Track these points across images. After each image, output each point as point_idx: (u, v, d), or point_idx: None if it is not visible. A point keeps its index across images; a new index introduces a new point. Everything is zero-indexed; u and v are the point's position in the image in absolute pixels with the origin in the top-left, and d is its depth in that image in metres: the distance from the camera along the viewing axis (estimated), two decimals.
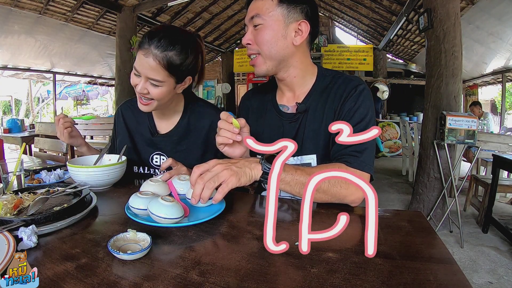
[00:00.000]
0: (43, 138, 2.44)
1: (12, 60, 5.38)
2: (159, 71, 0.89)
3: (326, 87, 0.93)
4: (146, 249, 0.54)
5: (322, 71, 0.97)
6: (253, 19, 0.87)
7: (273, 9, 0.85)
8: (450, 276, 0.50)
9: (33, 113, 11.61)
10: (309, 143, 0.92)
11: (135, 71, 0.93)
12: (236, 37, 8.21)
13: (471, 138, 2.56)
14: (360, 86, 0.89)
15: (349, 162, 0.83)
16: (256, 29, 0.88)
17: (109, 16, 5.06)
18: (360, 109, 0.87)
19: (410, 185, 4.27)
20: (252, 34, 0.89)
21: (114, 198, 0.90)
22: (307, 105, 0.92)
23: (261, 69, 0.91)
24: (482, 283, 1.99)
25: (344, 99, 0.89)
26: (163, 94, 0.95)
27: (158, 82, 0.91)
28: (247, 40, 0.89)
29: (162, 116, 1.10)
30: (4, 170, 0.90)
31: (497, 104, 8.86)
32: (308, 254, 0.56)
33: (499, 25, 3.95)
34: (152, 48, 0.88)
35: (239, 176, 0.70)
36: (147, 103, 0.96)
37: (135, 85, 0.95)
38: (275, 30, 0.86)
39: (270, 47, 0.87)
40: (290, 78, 0.94)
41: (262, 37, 0.87)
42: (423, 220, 0.73)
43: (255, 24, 0.87)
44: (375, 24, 6.42)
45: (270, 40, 0.86)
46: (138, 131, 1.12)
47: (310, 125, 0.92)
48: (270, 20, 0.85)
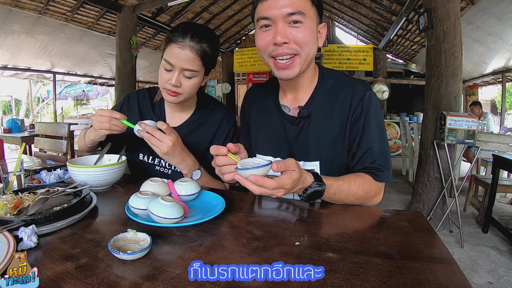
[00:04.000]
0: (43, 138, 2.44)
1: (12, 60, 5.38)
2: (195, 61, 0.95)
3: (331, 91, 0.91)
4: (146, 249, 0.54)
5: (324, 71, 0.95)
6: (292, 16, 0.77)
7: (310, 8, 0.80)
8: (450, 276, 0.50)
9: (33, 113, 11.61)
10: (313, 149, 0.90)
11: (167, 66, 0.95)
12: (236, 37, 8.21)
13: (471, 138, 2.56)
14: (367, 93, 0.88)
15: (376, 175, 0.87)
16: (295, 27, 0.78)
17: (109, 16, 5.06)
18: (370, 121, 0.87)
19: (410, 185, 4.27)
20: (288, 31, 0.78)
21: (114, 198, 0.90)
22: (309, 110, 0.90)
23: (295, 71, 0.82)
24: (482, 283, 1.99)
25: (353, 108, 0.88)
26: (195, 86, 0.99)
27: (193, 73, 0.96)
28: (285, 38, 0.78)
29: (176, 110, 1.14)
30: (4, 170, 0.90)
31: (497, 104, 8.86)
32: (308, 254, 0.56)
33: (499, 25, 3.95)
34: (187, 41, 0.93)
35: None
36: (175, 94, 0.99)
37: (166, 80, 0.97)
38: (313, 31, 0.82)
39: (310, 48, 0.82)
40: (302, 79, 0.90)
41: (305, 37, 0.79)
42: (423, 220, 0.73)
43: (294, 21, 0.77)
44: (375, 24, 6.41)
45: (312, 40, 0.81)
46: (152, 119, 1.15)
47: (313, 130, 0.90)
48: (310, 19, 0.80)
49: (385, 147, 0.89)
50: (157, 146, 0.91)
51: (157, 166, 1.13)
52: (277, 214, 0.81)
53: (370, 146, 0.87)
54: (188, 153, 1.00)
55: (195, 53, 0.94)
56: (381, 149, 0.87)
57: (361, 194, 0.83)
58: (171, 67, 0.95)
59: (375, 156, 0.87)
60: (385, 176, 0.87)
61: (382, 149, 0.87)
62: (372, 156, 0.87)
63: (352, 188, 0.81)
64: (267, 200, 0.97)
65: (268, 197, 1.01)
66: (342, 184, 0.80)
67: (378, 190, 0.88)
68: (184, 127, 1.13)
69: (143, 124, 0.92)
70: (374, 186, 0.86)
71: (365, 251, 0.57)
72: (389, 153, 0.90)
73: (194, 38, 0.93)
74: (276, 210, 0.85)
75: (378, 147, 0.87)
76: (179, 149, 0.95)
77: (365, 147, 0.87)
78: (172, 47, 0.94)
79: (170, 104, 1.14)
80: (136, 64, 4.88)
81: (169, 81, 0.96)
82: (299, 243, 0.60)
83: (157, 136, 0.91)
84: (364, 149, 0.87)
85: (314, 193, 0.75)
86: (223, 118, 1.14)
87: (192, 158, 1.00)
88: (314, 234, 0.65)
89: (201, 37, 0.94)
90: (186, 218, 0.71)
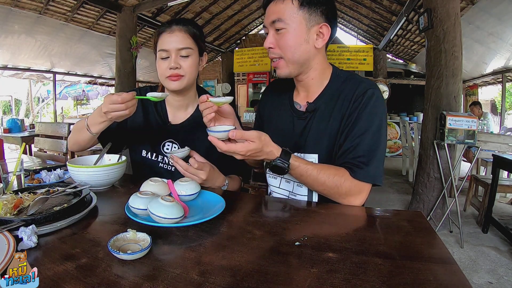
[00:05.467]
0: (43, 138, 2.44)
1: (12, 60, 5.37)
2: (187, 39, 1.04)
3: (337, 89, 0.92)
4: (146, 249, 0.54)
5: (337, 72, 0.96)
6: (274, 24, 0.85)
7: (294, 12, 0.83)
8: (450, 276, 0.50)
9: (33, 113, 11.61)
10: (312, 142, 0.92)
11: (163, 54, 1.03)
12: (236, 37, 8.21)
13: (471, 138, 2.55)
14: (369, 90, 0.86)
15: (353, 172, 0.84)
16: (278, 33, 0.86)
17: (109, 16, 5.06)
18: (364, 117, 0.85)
19: (410, 185, 4.27)
20: (274, 37, 0.87)
21: (114, 198, 0.90)
22: (316, 105, 0.93)
23: (284, 71, 0.90)
24: (482, 283, 1.99)
25: (352, 103, 0.87)
26: (193, 66, 1.06)
27: (188, 50, 1.03)
28: (269, 44, 0.88)
29: (177, 108, 1.15)
30: (4, 170, 0.90)
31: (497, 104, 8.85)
32: (308, 254, 0.56)
33: (499, 25, 3.95)
34: (174, 27, 1.04)
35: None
36: (178, 77, 1.03)
37: (165, 68, 1.02)
38: (298, 35, 0.84)
39: (293, 52, 0.86)
40: (308, 79, 0.93)
41: (285, 42, 0.85)
42: (423, 220, 0.73)
43: (277, 28, 0.85)
44: (375, 24, 6.42)
45: (294, 45, 0.85)
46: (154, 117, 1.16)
47: (316, 125, 0.92)
48: (292, 24, 0.84)
49: (376, 146, 0.85)
50: (191, 178, 0.90)
51: (161, 163, 1.13)
52: (277, 214, 0.81)
53: (358, 143, 0.84)
54: (219, 174, 1.00)
55: (184, 32, 1.04)
56: (370, 148, 0.84)
57: (330, 185, 0.82)
58: (167, 53, 1.02)
59: (360, 153, 0.84)
60: (363, 175, 0.83)
61: (371, 148, 0.84)
62: (356, 152, 0.84)
63: (320, 176, 0.82)
64: (267, 200, 0.97)
65: (269, 197, 1.03)
66: (312, 169, 0.82)
67: (354, 188, 0.83)
68: (186, 124, 1.14)
69: (174, 158, 0.90)
70: (347, 182, 0.83)
71: (365, 251, 0.57)
72: (380, 154, 0.85)
73: (179, 24, 1.05)
74: (276, 210, 0.85)
75: (367, 144, 0.84)
76: (211, 177, 0.95)
77: (353, 142, 0.85)
78: (163, 37, 1.04)
79: (171, 102, 1.15)
80: (136, 64, 4.88)
81: (168, 66, 1.01)
82: (299, 243, 0.60)
83: (190, 173, 0.90)
84: (351, 144, 0.85)
85: (276, 167, 0.81)
86: None
87: (222, 177, 1.01)
88: (314, 234, 0.65)
89: (184, 22, 1.06)
90: (186, 218, 0.71)
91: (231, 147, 0.75)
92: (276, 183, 1.01)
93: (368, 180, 0.84)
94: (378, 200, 3.63)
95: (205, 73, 8.98)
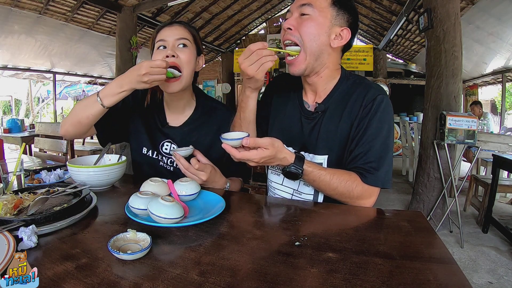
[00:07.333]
0: (43, 138, 2.44)
1: (12, 60, 5.37)
2: (185, 32, 1.06)
3: (347, 92, 0.92)
4: (146, 249, 0.54)
5: (346, 73, 0.96)
6: (302, 7, 0.87)
7: (325, 6, 0.86)
8: (450, 276, 0.50)
9: (33, 113, 11.60)
10: (322, 144, 0.92)
11: (160, 43, 1.03)
12: (236, 37, 8.20)
13: (471, 138, 2.55)
14: (379, 96, 0.87)
15: (364, 177, 0.86)
16: (302, 18, 0.87)
17: (109, 16, 5.05)
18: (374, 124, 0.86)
19: (410, 185, 4.27)
20: (297, 21, 0.87)
21: (114, 198, 0.90)
22: (326, 106, 0.93)
23: (299, 68, 0.89)
24: (482, 283, 1.99)
25: (362, 109, 0.88)
26: (190, 62, 1.04)
27: (186, 41, 1.04)
28: (290, 24, 0.87)
29: (175, 110, 1.15)
30: (4, 170, 0.90)
31: (497, 104, 8.85)
32: (308, 254, 0.56)
33: (499, 25, 3.95)
34: (174, 24, 1.07)
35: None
36: (176, 80, 1.01)
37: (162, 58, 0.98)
38: (321, 26, 0.86)
39: (312, 40, 0.86)
40: (317, 78, 0.93)
41: (308, 28, 0.86)
42: (423, 220, 0.73)
43: (303, 13, 0.87)
44: (375, 24, 6.41)
45: (314, 33, 0.86)
46: (153, 118, 1.17)
47: (325, 126, 0.92)
48: (320, 14, 0.86)
49: (385, 152, 0.87)
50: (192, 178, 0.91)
51: (160, 162, 1.13)
52: (277, 214, 0.82)
53: (369, 149, 0.86)
54: (220, 177, 1.00)
55: (183, 27, 1.07)
56: (380, 154, 0.86)
57: (341, 190, 0.84)
58: (165, 43, 1.03)
59: (371, 158, 0.86)
60: (373, 180, 0.86)
61: (381, 154, 0.86)
62: (367, 158, 0.86)
63: (333, 182, 0.83)
64: (267, 200, 0.98)
65: (269, 198, 1.03)
66: (325, 175, 0.83)
67: (365, 192, 0.86)
68: (185, 126, 1.14)
69: (177, 156, 0.91)
70: (359, 187, 0.85)
71: (365, 251, 0.57)
72: (389, 159, 0.88)
73: (178, 22, 1.09)
74: (276, 210, 0.85)
75: (377, 150, 0.86)
76: (211, 178, 0.95)
77: (364, 148, 0.86)
78: (162, 31, 1.05)
79: (169, 103, 1.14)
80: (136, 64, 4.87)
81: (165, 55, 1.00)
82: (299, 243, 0.60)
83: (191, 173, 0.91)
84: (362, 150, 0.87)
85: (290, 173, 0.82)
86: (224, 116, 1.15)
87: (223, 180, 1.01)
88: (314, 234, 0.65)
89: (184, 23, 1.10)
90: (186, 218, 0.71)
91: (245, 154, 0.75)
92: (279, 180, 1.00)
93: (378, 185, 0.87)
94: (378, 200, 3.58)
95: (205, 73, 8.97)
